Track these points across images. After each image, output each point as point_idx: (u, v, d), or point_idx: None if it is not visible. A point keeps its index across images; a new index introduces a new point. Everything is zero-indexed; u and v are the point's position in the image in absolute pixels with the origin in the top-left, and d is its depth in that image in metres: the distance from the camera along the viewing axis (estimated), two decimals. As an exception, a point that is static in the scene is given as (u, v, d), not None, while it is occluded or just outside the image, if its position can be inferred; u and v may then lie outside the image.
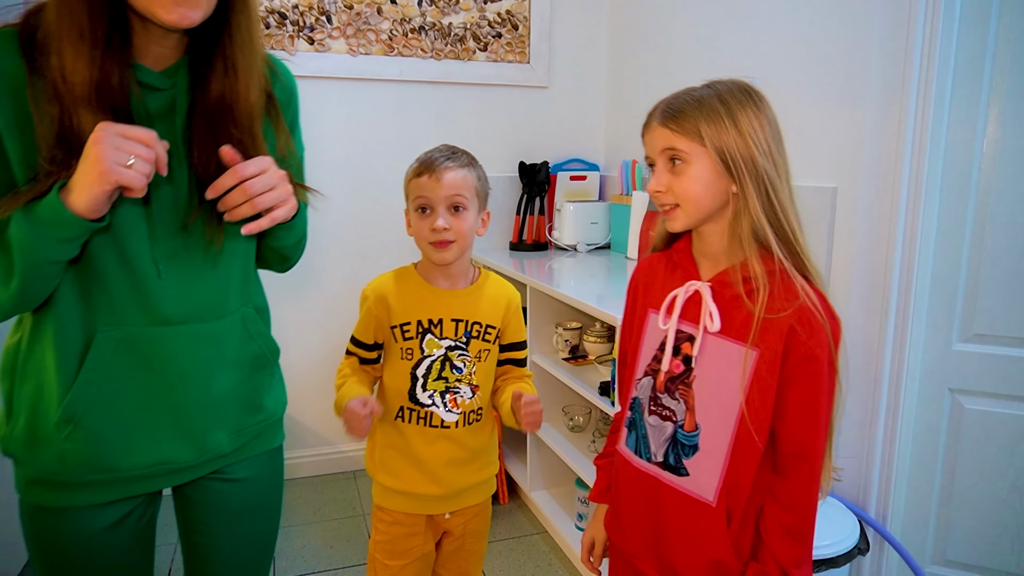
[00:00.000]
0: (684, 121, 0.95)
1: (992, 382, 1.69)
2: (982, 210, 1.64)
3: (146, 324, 0.90)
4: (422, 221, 1.23)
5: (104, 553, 0.95)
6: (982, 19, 1.57)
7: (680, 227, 0.99)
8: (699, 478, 0.99)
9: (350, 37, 2.49)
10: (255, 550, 1.10)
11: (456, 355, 1.26)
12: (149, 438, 0.93)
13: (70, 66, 0.78)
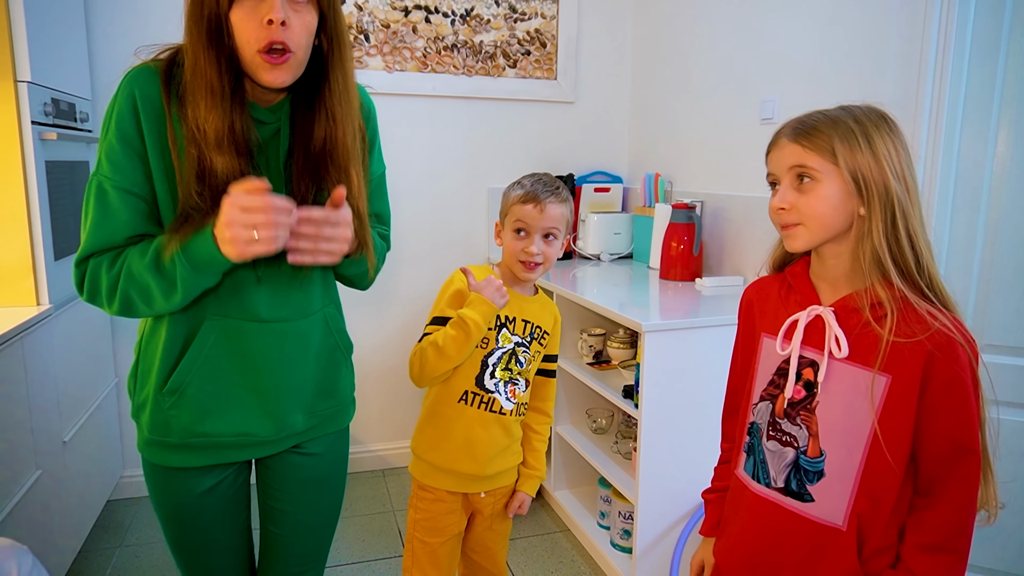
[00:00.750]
0: (818, 139, 0.93)
1: (1002, 391, 1.75)
2: (992, 226, 1.71)
3: (244, 319, 1.05)
4: (517, 242, 1.38)
5: (206, 511, 1.12)
6: (993, 45, 1.65)
7: (801, 246, 0.97)
8: (825, 504, 0.97)
9: (387, 55, 2.61)
10: (322, 517, 1.23)
11: (521, 351, 1.42)
12: (238, 412, 1.08)
13: (203, 116, 0.94)
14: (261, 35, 0.92)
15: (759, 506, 1.03)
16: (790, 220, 0.96)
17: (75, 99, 2.12)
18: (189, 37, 0.95)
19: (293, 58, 0.95)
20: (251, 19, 0.92)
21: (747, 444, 1.07)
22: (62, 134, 1.91)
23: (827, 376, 0.96)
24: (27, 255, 1.82)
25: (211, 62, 0.93)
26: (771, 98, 2.10)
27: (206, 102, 0.94)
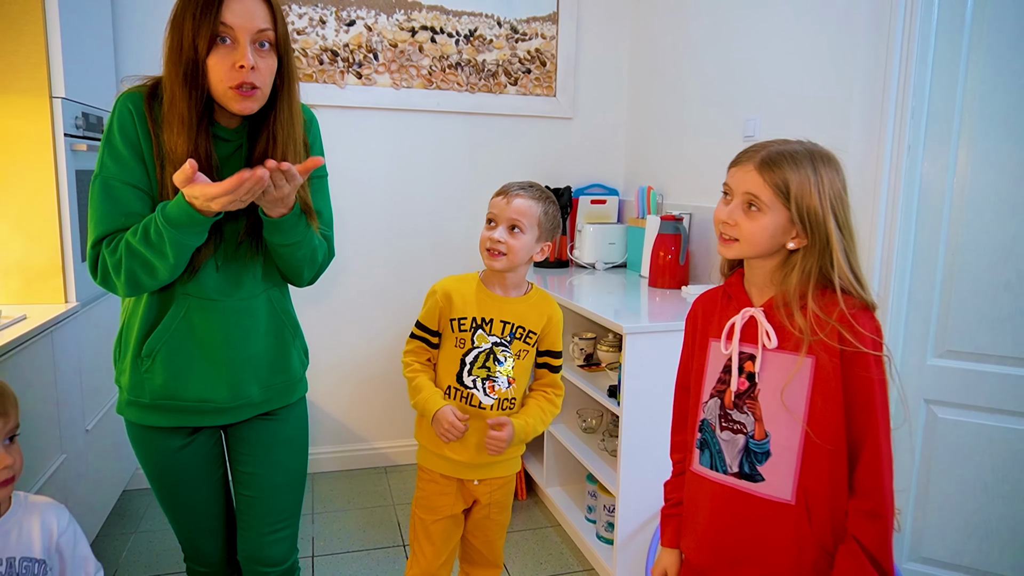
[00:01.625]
0: (778, 176, 1.04)
1: (964, 394, 1.86)
2: (954, 240, 1.83)
3: (203, 298, 1.24)
4: (486, 232, 1.49)
5: (183, 467, 1.33)
6: (952, 69, 1.77)
7: (732, 256, 1.12)
8: (774, 481, 1.08)
9: (394, 72, 2.77)
10: (288, 478, 1.40)
11: (500, 350, 1.51)
12: (199, 380, 1.27)
13: (175, 140, 1.15)
14: (234, 76, 1.12)
15: (718, 493, 1.14)
16: (731, 234, 1.09)
17: (102, 112, 2.28)
18: (168, 76, 1.15)
19: (260, 92, 1.16)
20: (225, 63, 1.12)
21: (699, 440, 1.18)
22: (91, 145, 2.07)
23: (763, 366, 1.09)
24: (57, 256, 1.98)
25: (185, 98, 1.13)
26: (753, 117, 2.23)
27: (177, 129, 1.14)
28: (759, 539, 1.10)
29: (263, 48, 1.15)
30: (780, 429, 1.08)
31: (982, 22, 1.74)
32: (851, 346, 1.02)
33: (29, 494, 1.05)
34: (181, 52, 1.12)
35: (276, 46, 1.18)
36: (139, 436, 1.31)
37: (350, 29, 2.69)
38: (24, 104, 1.89)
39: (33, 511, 1.03)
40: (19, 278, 1.95)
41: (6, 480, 0.95)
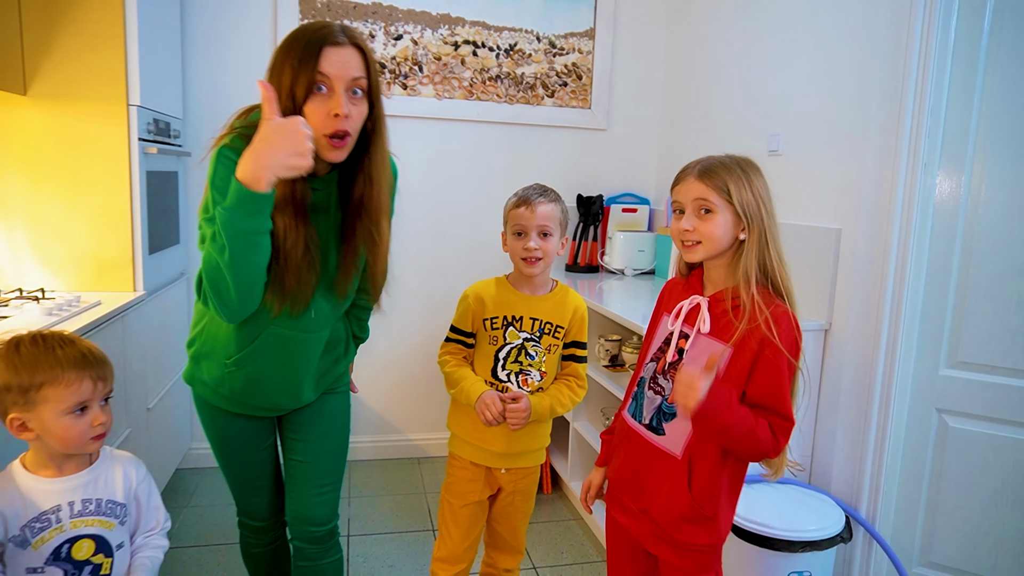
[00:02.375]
0: (717, 180, 1.23)
1: (975, 404, 1.92)
2: (967, 255, 1.90)
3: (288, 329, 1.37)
4: (517, 242, 1.59)
5: (239, 434, 1.51)
6: (967, 93, 1.85)
7: (697, 259, 1.28)
8: (672, 437, 1.31)
9: (437, 84, 2.93)
10: (333, 444, 1.57)
11: (531, 345, 1.63)
12: (271, 391, 1.44)
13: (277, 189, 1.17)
14: (329, 124, 1.18)
15: (633, 438, 1.37)
16: (692, 239, 1.26)
17: (170, 118, 2.48)
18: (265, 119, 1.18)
19: (350, 140, 1.23)
20: (320, 111, 1.18)
21: (635, 393, 1.40)
22: (160, 149, 2.27)
23: (692, 345, 1.29)
24: (128, 249, 2.18)
25: None
26: (777, 132, 2.33)
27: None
28: (649, 480, 1.33)
29: (355, 95, 1.21)
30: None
31: (998, 45, 1.81)
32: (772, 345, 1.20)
33: (113, 448, 1.22)
34: (280, 100, 1.16)
35: (368, 93, 1.24)
36: (204, 407, 1.51)
37: (397, 43, 2.86)
38: (104, 111, 2.09)
39: (117, 462, 1.19)
40: (94, 268, 2.16)
41: (100, 435, 1.11)
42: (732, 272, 1.27)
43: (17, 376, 1.05)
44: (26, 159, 2.06)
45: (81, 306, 1.87)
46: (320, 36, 1.18)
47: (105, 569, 1.13)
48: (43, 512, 1.09)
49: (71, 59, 2.05)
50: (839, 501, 2.00)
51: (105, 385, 1.12)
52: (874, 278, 1.97)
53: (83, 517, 1.11)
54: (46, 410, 1.06)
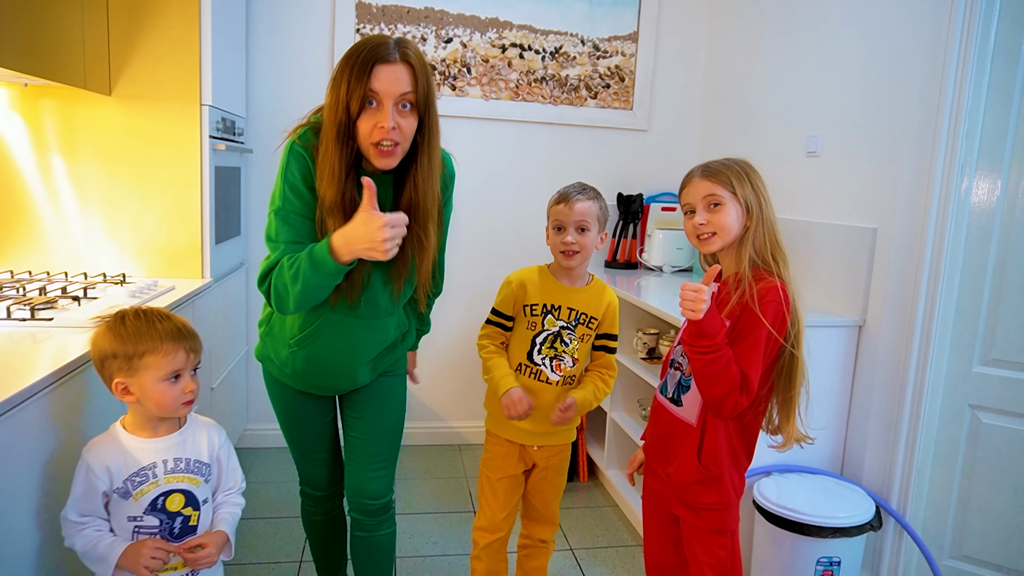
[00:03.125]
0: (721, 177, 1.40)
1: (1008, 401, 1.96)
2: (1003, 254, 1.94)
3: (351, 316, 1.50)
4: (557, 236, 1.70)
5: (302, 406, 1.65)
6: (1007, 94, 1.89)
7: (715, 249, 1.42)
8: (688, 407, 1.48)
9: (485, 85, 3.04)
10: (389, 423, 1.68)
11: (566, 333, 1.74)
12: (330, 374, 1.57)
13: (325, 188, 1.35)
14: (376, 134, 1.31)
15: (660, 411, 1.56)
16: (707, 231, 1.40)
17: (235, 117, 2.65)
18: (325, 130, 1.34)
19: (399, 149, 1.34)
20: (370, 122, 1.31)
21: (669, 373, 1.56)
22: (227, 146, 2.43)
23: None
24: (197, 239, 2.34)
25: (336, 152, 1.32)
26: (816, 134, 2.38)
27: (328, 179, 1.34)
28: (670, 446, 1.50)
29: (405, 109, 1.32)
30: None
31: (1037, 51, 1.85)
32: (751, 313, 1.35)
33: (198, 415, 1.36)
34: (336, 111, 1.30)
35: (417, 106, 1.34)
36: (272, 383, 1.66)
37: (447, 46, 2.99)
38: (179, 110, 2.26)
39: (202, 427, 1.33)
40: (165, 256, 2.33)
41: (189, 401, 1.25)
42: (739, 259, 1.41)
43: (123, 345, 1.20)
44: (108, 155, 2.24)
45: (158, 290, 2.03)
46: (373, 54, 1.29)
47: (193, 520, 1.27)
48: (142, 468, 1.23)
49: (151, 62, 2.22)
50: (870, 492, 2.06)
51: (196, 356, 1.26)
52: (909, 277, 2.02)
53: (175, 474, 1.25)
54: (146, 376, 1.20)
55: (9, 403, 1.14)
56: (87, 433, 1.35)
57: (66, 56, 1.94)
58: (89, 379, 1.41)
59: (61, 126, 2.20)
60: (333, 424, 1.72)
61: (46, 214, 2.23)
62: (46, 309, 1.68)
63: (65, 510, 1.20)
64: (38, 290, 1.88)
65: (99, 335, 1.22)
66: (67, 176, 2.23)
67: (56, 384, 1.29)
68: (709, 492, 1.45)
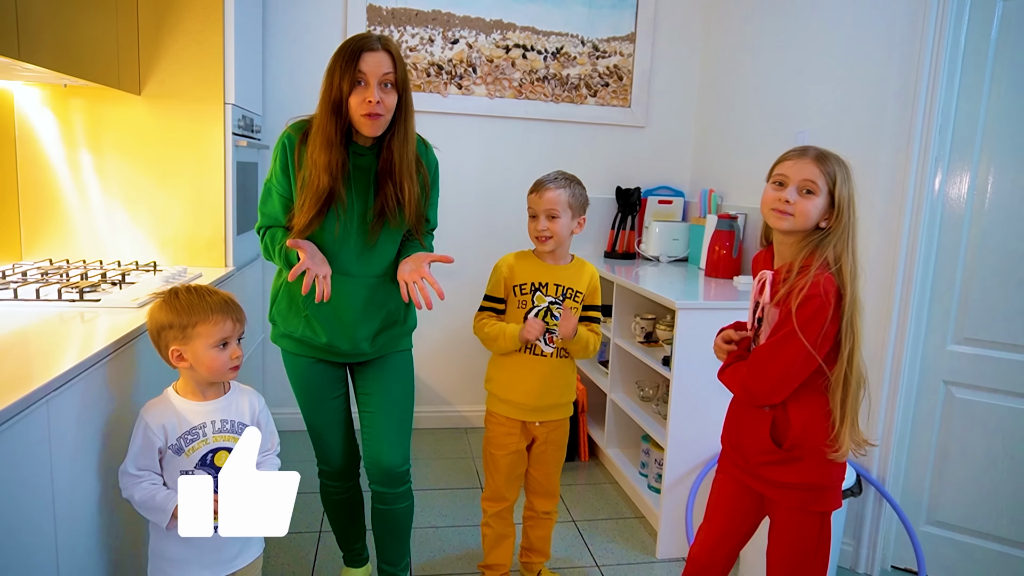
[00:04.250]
0: (828, 167, 1.38)
1: (979, 377, 2.12)
2: (973, 241, 2.09)
3: (344, 273, 1.69)
4: (532, 223, 1.88)
5: (316, 379, 1.81)
6: (976, 92, 2.04)
7: (784, 228, 1.41)
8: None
9: (489, 84, 3.19)
10: (398, 397, 1.83)
11: (555, 307, 1.89)
12: (331, 332, 1.73)
13: (318, 153, 1.60)
14: (364, 107, 1.56)
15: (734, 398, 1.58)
16: (788, 210, 1.39)
17: (253, 115, 2.79)
18: (320, 108, 1.61)
19: (383, 119, 1.60)
20: (360, 98, 1.57)
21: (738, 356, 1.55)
22: (250, 142, 2.58)
23: (765, 313, 1.48)
24: (221, 230, 2.48)
25: (331, 124, 1.59)
26: (803, 130, 2.53)
27: (321, 145, 1.60)
28: (744, 431, 1.51)
29: (387, 88, 1.59)
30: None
31: (1004, 51, 2.00)
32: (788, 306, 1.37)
33: (239, 382, 1.51)
34: (331, 92, 1.58)
35: (396, 86, 1.61)
36: (288, 359, 1.83)
37: (454, 46, 3.14)
38: (204, 109, 2.40)
39: (244, 392, 1.48)
40: (191, 247, 2.47)
41: (236, 367, 1.40)
42: (800, 250, 1.42)
43: (177, 316, 1.34)
44: (136, 151, 2.38)
45: (188, 276, 2.17)
46: (360, 44, 1.57)
47: (237, 476, 1.42)
48: (193, 427, 1.37)
49: (179, 63, 2.36)
50: (851, 462, 2.21)
51: (241, 326, 1.41)
52: (887, 262, 2.17)
53: (222, 433, 1.40)
54: (198, 344, 1.35)
55: (76, 370, 1.28)
56: (138, 399, 1.50)
57: (103, 58, 2.08)
58: (139, 351, 1.56)
59: (91, 123, 2.34)
60: (345, 399, 1.87)
61: (77, 207, 2.37)
62: (92, 292, 1.82)
63: (124, 464, 1.35)
64: (80, 276, 2.02)
65: (156, 308, 1.37)
66: (95, 171, 2.37)
67: (112, 355, 1.44)
68: (788, 471, 1.45)
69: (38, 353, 1.40)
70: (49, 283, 1.89)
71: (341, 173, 1.62)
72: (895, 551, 2.28)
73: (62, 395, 1.23)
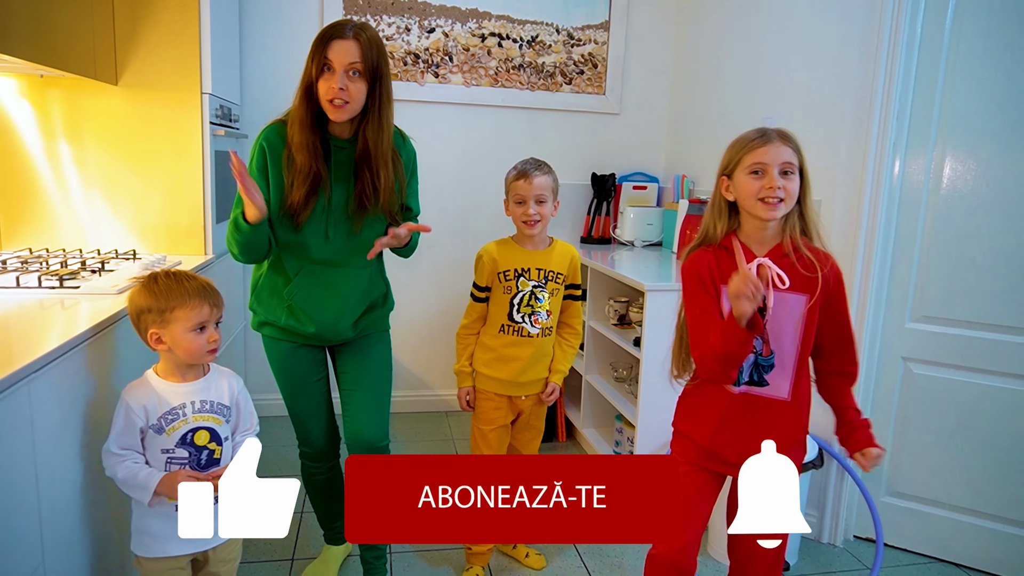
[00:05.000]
0: (795, 144, 1.41)
1: (936, 353, 2.21)
2: (930, 223, 2.17)
3: (323, 263, 1.74)
4: (519, 209, 1.92)
5: (296, 364, 1.85)
6: (931, 81, 2.11)
7: (780, 215, 1.39)
8: (776, 384, 1.45)
9: (466, 72, 3.23)
10: (376, 375, 1.88)
11: (539, 291, 1.96)
12: (314, 321, 1.78)
13: (295, 134, 1.65)
14: (329, 93, 1.61)
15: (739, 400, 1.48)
16: (779, 196, 1.37)
17: (231, 104, 2.81)
18: (297, 92, 1.65)
19: (349, 106, 1.62)
20: (326, 84, 1.61)
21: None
22: (228, 131, 2.60)
23: (774, 303, 1.41)
24: (200, 219, 2.52)
25: (304, 106, 1.64)
26: (770, 116, 2.60)
27: (297, 127, 1.65)
28: (765, 428, 1.42)
29: (353, 76, 1.61)
30: (783, 348, 1.45)
31: (958, 42, 2.07)
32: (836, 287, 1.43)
33: (218, 365, 1.55)
34: (305, 76, 1.63)
35: (364, 75, 1.62)
36: (270, 344, 1.86)
37: (430, 35, 3.17)
38: (181, 99, 2.43)
39: (223, 374, 1.53)
40: (170, 235, 2.50)
41: (213, 350, 1.45)
42: (780, 231, 1.44)
43: (156, 300, 1.39)
44: (114, 141, 2.40)
45: (167, 264, 2.21)
46: (332, 31, 1.61)
47: (217, 454, 1.47)
48: (173, 407, 1.42)
49: (155, 53, 2.38)
50: (815, 437, 2.29)
51: (218, 310, 1.46)
52: (848, 243, 2.25)
53: (202, 413, 1.45)
54: (176, 327, 1.40)
55: (57, 352, 1.33)
56: (119, 382, 1.54)
57: (79, 48, 2.11)
58: (119, 335, 1.61)
59: (69, 113, 2.37)
60: (325, 383, 1.92)
61: (56, 197, 2.40)
62: (72, 279, 1.86)
63: (107, 443, 1.40)
64: (59, 264, 2.06)
65: (135, 293, 1.41)
66: (74, 161, 2.39)
67: (92, 339, 1.48)
68: (802, 449, 1.52)
69: (19, 338, 1.44)
70: (29, 271, 1.92)
71: (320, 156, 1.66)
72: (857, 521, 2.38)
73: (43, 377, 1.28)
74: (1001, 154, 2.04)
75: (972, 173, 2.09)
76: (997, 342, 2.10)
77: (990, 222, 2.08)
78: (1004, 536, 2.16)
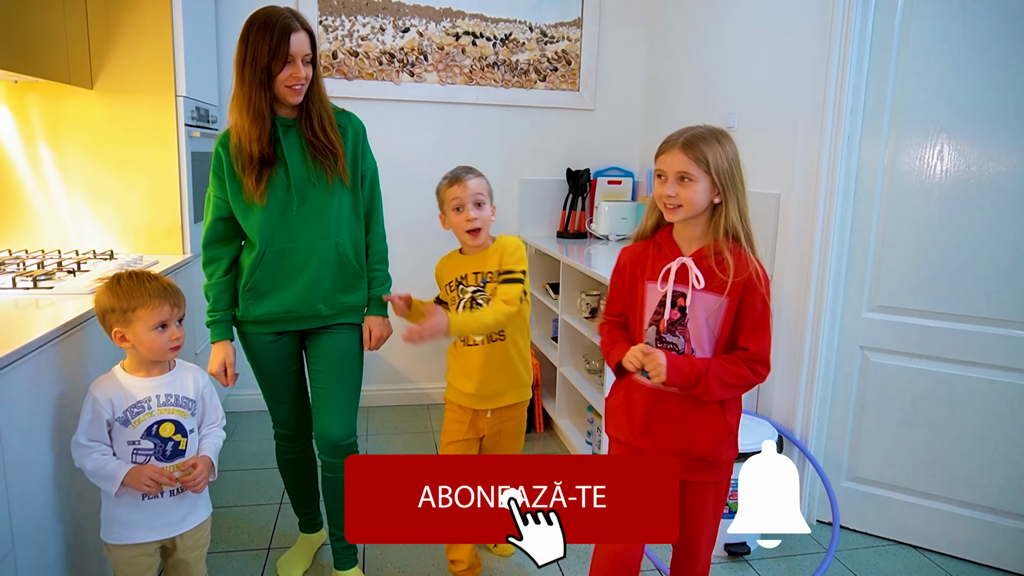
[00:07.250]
0: (697, 152, 1.39)
1: (892, 342, 2.27)
2: (884, 215, 2.23)
3: (287, 242, 1.80)
4: (459, 216, 1.83)
5: (272, 355, 1.92)
6: (883, 74, 2.17)
7: (678, 219, 1.44)
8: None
9: (441, 71, 3.28)
10: (344, 375, 1.92)
11: (478, 295, 1.86)
12: (285, 297, 1.83)
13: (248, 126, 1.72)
14: (291, 80, 1.71)
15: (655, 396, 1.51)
16: (675, 203, 1.42)
17: (208, 105, 2.87)
18: (244, 83, 1.71)
19: (303, 88, 1.75)
20: (287, 73, 1.70)
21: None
22: (202, 132, 2.66)
23: (692, 302, 1.45)
24: (177, 219, 2.58)
25: (260, 96, 1.71)
26: (733, 111, 2.66)
27: (251, 119, 1.72)
28: (690, 424, 1.49)
29: (307, 64, 1.74)
30: (703, 346, 1.47)
31: (907, 37, 2.13)
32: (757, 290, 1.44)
33: (185, 360, 1.62)
34: (256, 66, 1.69)
35: (312, 60, 1.77)
36: (247, 339, 1.92)
37: (405, 35, 3.22)
38: (156, 101, 2.48)
39: (188, 370, 1.59)
40: (149, 234, 2.56)
41: (176, 347, 1.51)
42: (707, 232, 1.45)
43: (119, 301, 1.45)
44: (92, 144, 2.46)
45: (143, 264, 2.27)
46: (286, 25, 1.69)
47: (182, 446, 1.53)
48: (139, 401, 1.49)
49: (129, 57, 2.44)
50: (777, 425, 2.36)
51: (180, 310, 1.52)
52: (805, 235, 2.31)
53: (167, 406, 1.51)
54: (139, 326, 1.46)
55: (28, 348, 1.39)
56: (87, 378, 1.60)
57: (51, 54, 2.16)
58: (88, 334, 1.67)
59: (47, 118, 2.42)
60: (300, 373, 1.99)
61: (36, 199, 2.46)
62: (46, 280, 1.92)
63: (76, 436, 1.46)
64: (36, 265, 2.12)
65: (100, 293, 1.48)
66: (55, 164, 2.45)
67: (62, 337, 1.55)
68: (731, 448, 1.52)
69: (-10, 336, 1.50)
70: (5, 272, 1.98)
71: (272, 140, 1.76)
72: (819, 507, 2.44)
73: (11, 373, 1.34)
74: (950, 146, 2.10)
75: (923, 165, 2.15)
76: (950, 331, 2.16)
77: (940, 213, 2.13)
78: (958, 517, 2.23)
